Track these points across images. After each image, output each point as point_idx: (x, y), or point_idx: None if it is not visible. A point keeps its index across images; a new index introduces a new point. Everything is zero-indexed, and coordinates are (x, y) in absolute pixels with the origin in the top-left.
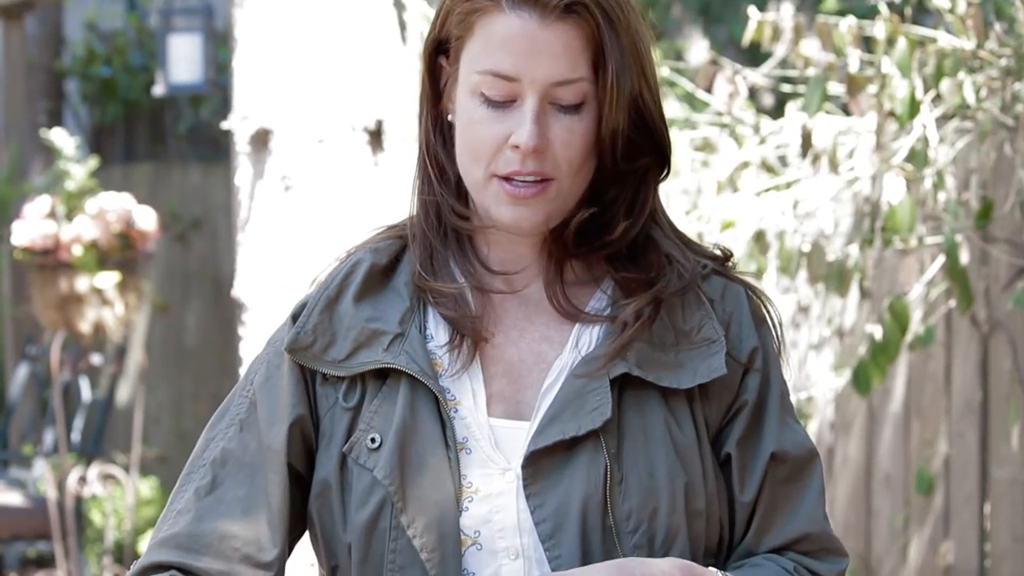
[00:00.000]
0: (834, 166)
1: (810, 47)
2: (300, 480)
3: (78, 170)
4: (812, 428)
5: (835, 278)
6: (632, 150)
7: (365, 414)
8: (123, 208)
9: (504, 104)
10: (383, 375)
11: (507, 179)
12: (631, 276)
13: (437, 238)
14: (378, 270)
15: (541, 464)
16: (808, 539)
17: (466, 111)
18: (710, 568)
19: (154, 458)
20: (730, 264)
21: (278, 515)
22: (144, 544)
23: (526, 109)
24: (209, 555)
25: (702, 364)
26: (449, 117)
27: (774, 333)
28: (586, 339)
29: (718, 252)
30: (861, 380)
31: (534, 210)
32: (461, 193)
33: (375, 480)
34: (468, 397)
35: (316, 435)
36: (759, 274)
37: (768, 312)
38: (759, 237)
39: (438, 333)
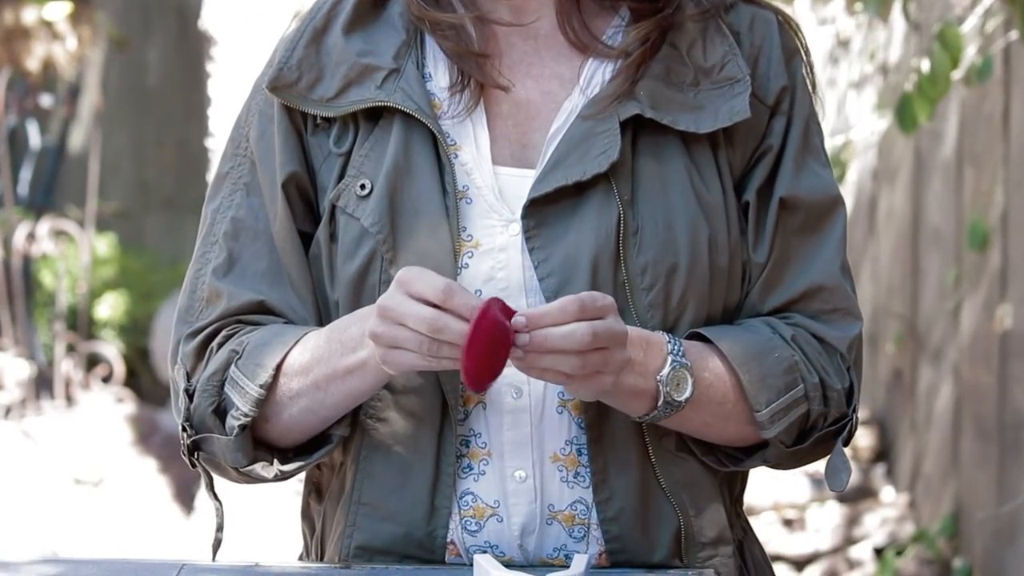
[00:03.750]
0: None
1: None
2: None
3: None
4: (851, 176)
5: (875, 0)
6: None
7: (355, 159)
8: None
9: None
10: (376, 116)
11: None
12: (644, 3)
13: None
14: None
15: (544, 214)
16: (819, 294)
17: None
18: (655, 332)
19: (112, 212)
20: None
21: (303, 285)
22: (101, 309)
23: None
24: (252, 326)
25: (724, 106)
26: None
27: (806, 66)
28: (598, 78)
29: None
30: (906, 116)
31: None
32: None
33: (364, 229)
34: (470, 142)
35: (316, 192)
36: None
37: (800, 42)
38: None
39: (437, 72)
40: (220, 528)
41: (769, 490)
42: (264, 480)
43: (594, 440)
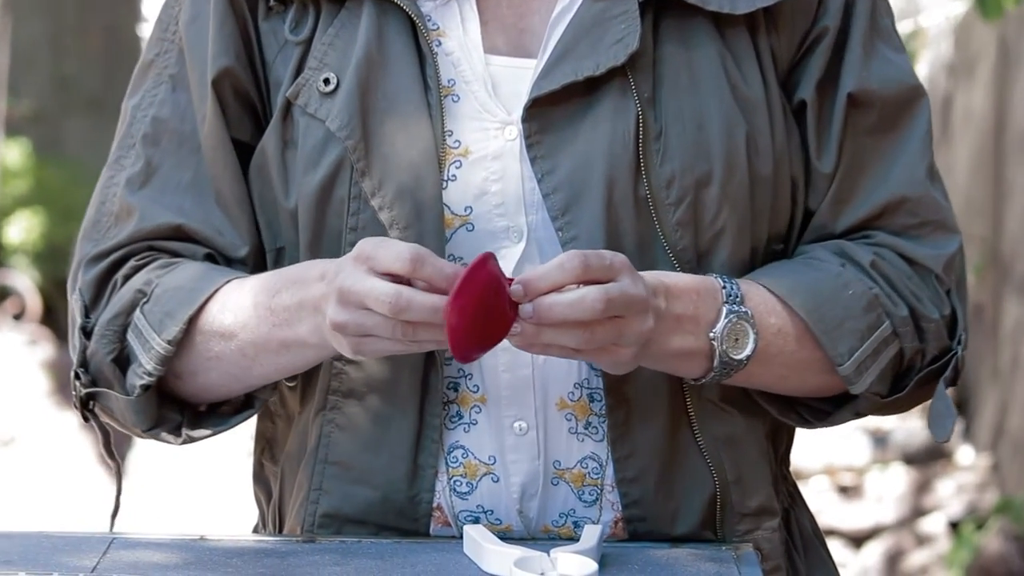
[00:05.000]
0: None
1: None
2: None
3: None
4: (921, 71)
5: None
6: None
7: (316, 48)
8: None
9: None
10: None
11: None
12: None
13: None
14: None
15: (549, 116)
16: (904, 207)
17: None
18: (708, 276)
19: (25, 114)
20: None
21: (235, 204)
22: (12, 232)
23: None
24: (167, 256)
25: None
26: None
27: None
28: None
29: None
30: (989, 0)
31: None
32: None
33: (329, 133)
34: (456, 27)
35: (266, 89)
36: None
37: None
38: None
39: None
40: (119, 494)
41: (821, 450)
42: (169, 443)
43: (613, 385)
